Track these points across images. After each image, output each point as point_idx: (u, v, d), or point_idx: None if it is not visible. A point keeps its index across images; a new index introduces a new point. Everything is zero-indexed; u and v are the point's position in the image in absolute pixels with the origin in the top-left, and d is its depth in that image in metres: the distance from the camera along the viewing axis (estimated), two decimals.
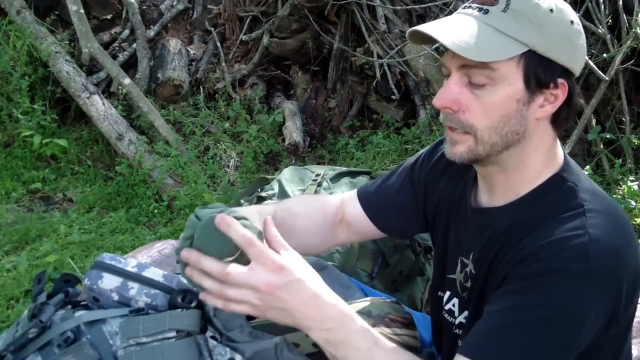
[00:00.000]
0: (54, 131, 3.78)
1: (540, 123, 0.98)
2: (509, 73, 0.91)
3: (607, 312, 0.91)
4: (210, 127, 3.98)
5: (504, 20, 0.91)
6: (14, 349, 1.02)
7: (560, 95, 0.95)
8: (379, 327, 1.31)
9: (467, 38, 0.90)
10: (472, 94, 0.93)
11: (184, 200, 3.24)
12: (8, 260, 2.68)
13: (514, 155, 0.98)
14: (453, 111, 0.95)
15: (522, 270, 0.92)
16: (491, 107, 0.93)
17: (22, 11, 4.01)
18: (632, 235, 0.97)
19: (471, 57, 0.89)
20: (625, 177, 3.17)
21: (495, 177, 1.03)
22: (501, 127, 0.94)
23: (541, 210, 0.97)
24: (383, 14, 4.04)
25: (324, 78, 4.32)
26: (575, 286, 0.88)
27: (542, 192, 1.00)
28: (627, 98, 3.48)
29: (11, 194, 3.37)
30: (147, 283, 1.07)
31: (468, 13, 0.94)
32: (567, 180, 0.99)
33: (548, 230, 0.93)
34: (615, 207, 0.99)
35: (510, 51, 0.90)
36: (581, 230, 0.90)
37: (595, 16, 3.57)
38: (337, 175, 2.39)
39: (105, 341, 1.00)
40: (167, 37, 4.56)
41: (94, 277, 1.08)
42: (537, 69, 0.92)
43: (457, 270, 1.14)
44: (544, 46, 0.91)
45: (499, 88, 0.92)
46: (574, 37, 0.95)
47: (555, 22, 0.92)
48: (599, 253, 0.89)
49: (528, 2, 0.91)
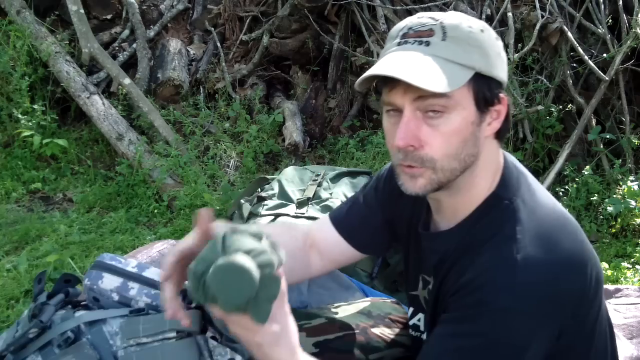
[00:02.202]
0: (54, 131, 3.78)
1: (487, 140, 0.99)
2: (462, 98, 0.92)
3: (552, 332, 0.91)
4: (210, 127, 3.97)
5: (448, 48, 0.91)
6: (14, 349, 1.02)
7: (502, 109, 0.98)
8: (379, 327, 1.31)
9: (423, 71, 0.89)
10: (429, 127, 0.93)
11: (184, 200, 3.24)
12: (8, 260, 2.68)
13: (467, 177, 0.98)
14: (414, 148, 0.94)
15: (460, 300, 0.95)
16: (450, 135, 0.93)
17: (22, 11, 4.01)
18: (574, 252, 0.95)
19: (435, 89, 0.88)
20: (625, 177, 3.17)
21: (443, 201, 1.04)
22: (459, 152, 0.94)
23: (477, 235, 0.98)
24: (383, 14, 4.04)
25: (324, 78, 4.31)
26: (507, 318, 0.89)
27: (480, 214, 1.00)
28: (627, 98, 3.48)
29: (11, 194, 3.37)
30: (148, 283, 1.07)
31: (408, 48, 0.93)
32: (502, 199, 0.99)
33: (482, 257, 0.94)
34: (556, 222, 0.98)
35: (463, 77, 0.91)
36: (511, 258, 0.91)
37: (595, 16, 3.57)
38: (337, 175, 2.39)
39: (106, 341, 1.00)
40: (167, 37, 4.56)
41: (94, 277, 1.08)
42: (484, 88, 0.94)
43: (419, 287, 1.15)
44: (486, 66, 0.93)
45: (454, 114, 0.92)
46: (502, 52, 0.98)
47: (488, 41, 0.95)
48: (528, 281, 0.89)
49: (461, 27, 0.93)
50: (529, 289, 0.89)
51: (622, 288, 2.09)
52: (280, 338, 0.88)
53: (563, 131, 3.50)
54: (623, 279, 2.54)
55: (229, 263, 0.77)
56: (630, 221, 2.97)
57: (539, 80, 3.47)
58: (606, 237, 2.95)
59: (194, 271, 0.80)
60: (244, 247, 0.80)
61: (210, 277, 0.78)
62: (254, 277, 0.78)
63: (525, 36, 3.52)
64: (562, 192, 3.24)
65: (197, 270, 0.80)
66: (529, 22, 3.51)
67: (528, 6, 3.60)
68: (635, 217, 2.98)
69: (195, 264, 0.81)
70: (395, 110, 0.95)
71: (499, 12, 3.63)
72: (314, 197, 2.30)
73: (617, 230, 2.97)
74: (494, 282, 0.91)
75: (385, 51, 0.97)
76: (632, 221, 2.97)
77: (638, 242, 2.88)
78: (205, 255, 0.81)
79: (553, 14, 3.50)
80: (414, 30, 0.94)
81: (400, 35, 0.96)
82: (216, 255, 0.80)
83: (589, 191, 3.12)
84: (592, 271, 0.96)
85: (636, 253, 2.76)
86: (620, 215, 2.97)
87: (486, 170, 1.00)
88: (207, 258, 0.81)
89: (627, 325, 1.85)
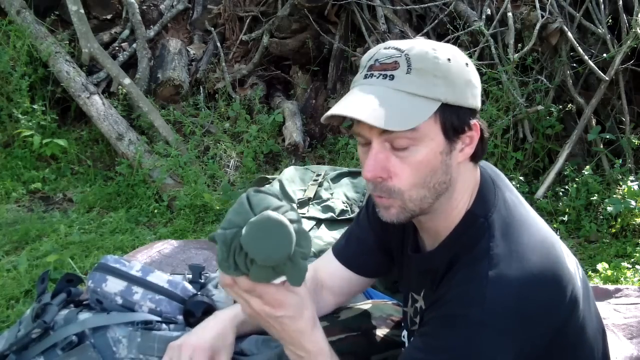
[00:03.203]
0: (54, 131, 3.78)
1: (461, 165, 0.99)
2: (428, 130, 0.92)
3: (521, 348, 0.91)
4: (210, 127, 3.97)
5: (412, 82, 0.91)
6: (17, 348, 1.02)
7: (475, 135, 0.98)
8: (380, 329, 1.32)
9: (385, 109, 0.89)
10: (397, 158, 0.93)
11: (184, 200, 3.24)
12: (8, 260, 2.68)
13: (444, 202, 0.99)
14: (382, 179, 0.95)
15: (431, 313, 0.97)
16: (418, 166, 0.93)
17: (22, 11, 4.01)
18: (546, 266, 0.95)
19: (396, 128, 0.89)
20: (625, 177, 3.17)
21: (424, 223, 1.05)
22: (428, 181, 0.95)
23: (455, 255, 0.99)
24: (383, 14, 4.04)
25: (324, 78, 4.31)
26: (475, 331, 0.90)
27: (458, 233, 1.01)
28: (627, 98, 3.48)
29: (11, 194, 3.37)
30: (152, 288, 1.07)
31: (373, 83, 0.93)
32: (478, 216, 1.00)
33: (457, 274, 0.96)
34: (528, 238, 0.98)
35: (428, 111, 0.91)
36: (483, 274, 0.92)
37: (595, 16, 3.58)
38: (338, 175, 2.39)
39: (109, 347, 1.00)
40: (167, 37, 4.56)
41: (98, 280, 1.08)
42: (452, 118, 0.94)
43: (409, 304, 1.16)
44: (453, 96, 0.93)
45: (422, 146, 0.93)
46: (473, 78, 0.97)
47: (455, 70, 0.94)
48: (497, 296, 0.90)
49: (427, 58, 0.92)
50: (498, 304, 0.90)
51: (622, 288, 2.09)
52: (302, 309, 0.91)
53: (563, 131, 3.51)
54: (623, 279, 2.54)
55: (264, 219, 0.75)
56: (630, 221, 2.97)
57: (539, 80, 3.47)
58: (606, 237, 2.95)
59: (224, 237, 0.77)
60: (272, 204, 0.78)
61: (246, 236, 0.75)
62: (291, 230, 0.76)
63: (525, 36, 3.52)
64: (562, 192, 3.24)
65: (226, 235, 0.77)
66: (529, 22, 3.51)
67: (528, 6, 3.60)
68: (635, 217, 2.98)
69: (223, 230, 0.77)
70: (365, 143, 0.96)
71: (499, 12, 3.63)
72: (315, 197, 2.30)
73: (617, 230, 2.97)
74: (465, 296, 0.92)
75: (354, 82, 0.98)
76: (632, 221, 2.97)
77: (638, 242, 2.88)
78: (233, 218, 0.78)
79: (553, 14, 3.51)
80: (380, 63, 0.94)
81: (367, 67, 0.96)
82: (246, 215, 0.77)
83: (589, 191, 3.12)
84: (568, 286, 0.96)
85: (636, 253, 2.77)
86: (620, 215, 2.97)
87: (464, 192, 1.01)
88: (235, 220, 0.77)
89: (627, 325, 1.85)
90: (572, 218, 3.08)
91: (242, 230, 0.76)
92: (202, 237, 2.99)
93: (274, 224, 0.76)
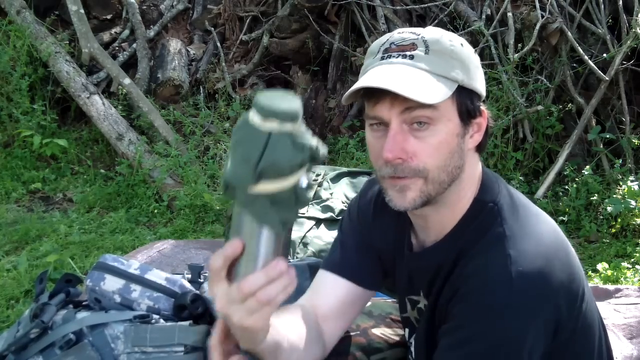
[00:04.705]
0: (54, 131, 3.78)
1: (469, 153, 0.99)
2: (447, 110, 0.93)
3: (549, 327, 0.91)
4: (210, 127, 3.98)
5: (432, 62, 0.92)
6: (16, 349, 1.02)
7: (483, 122, 0.99)
8: (380, 328, 1.31)
9: (410, 84, 0.89)
10: (416, 139, 0.93)
11: (184, 200, 3.24)
12: (8, 260, 2.68)
13: (453, 191, 0.99)
14: (403, 160, 0.93)
15: (456, 307, 0.95)
16: (437, 146, 0.93)
17: (22, 11, 4.01)
18: (558, 244, 0.97)
19: (423, 100, 0.88)
20: (625, 177, 3.17)
21: (430, 216, 1.03)
22: (448, 164, 0.95)
23: (467, 242, 0.98)
24: (383, 14, 4.03)
25: (324, 78, 4.31)
26: (507, 315, 0.89)
27: (467, 221, 1.00)
28: (627, 98, 3.48)
29: (11, 194, 3.37)
30: (150, 286, 1.07)
31: (393, 62, 0.94)
32: (486, 202, 1.00)
33: (475, 260, 0.95)
34: (536, 218, 1.00)
35: (448, 89, 0.92)
36: (504, 255, 0.92)
37: (595, 16, 3.57)
38: (338, 175, 2.39)
39: (107, 344, 1.00)
40: (167, 37, 4.56)
41: (96, 279, 1.08)
42: (467, 101, 0.95)
43: (408, 309, 1.15)
44: (467, 79, 0.95)
45: (440, 126, 0.93)
46: (480, 66, 1.00)
47: (467, 54, 0.97)
48: (524, 272, 0.90)
49: (443, 42, 0.94)
50: (525, 282, 0.89)
51: (622, 288, 2.10)
52: None
53: (563, 131, 3.50)
54: (623, 279, 2.54)
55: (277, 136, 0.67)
56: (630, 221, 2.97)
57: (539, 80, 3.47)
58: (606, 237, 2.95)
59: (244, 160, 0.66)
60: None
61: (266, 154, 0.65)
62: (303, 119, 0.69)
63: (525, 36, 3.52)
64: (562, 192, 3.24)
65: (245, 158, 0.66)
66: (529, 22, 3.51)
67: (528, 6, 3.60)
68: (635, 217, 2.98)
69: (243, 158, 0.67)
70: (380, 124, 0.95)
71: (499, 12, 3.63)
72: (315, 197, 2.30)
73: (617, 230, 2.97)
74: (490, 281, 0.91)
75: (367, 67, 0.98)
76: (632, 221, 2.97)
77: (638, 242, 2.88)
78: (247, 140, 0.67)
79: (553, 14, 3.50)
80: (397, 45, 0.95)
81: (382, 50, 0.96)
82: (257, 136, 0.67)
83: (589, 191, 3.12)
84: (574, 260, 0.98)
85: (636, 253, 2.76)
86: (620, 215, 2.97)
87: (470, 182, 1.01)
88: (251, 140, 0.67)
89: (627, 325, 1.85)
90: (572, 218, 3.08)
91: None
92: (202, 237, 2.99)
93: (285, 95, 0.70)
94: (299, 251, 2.07)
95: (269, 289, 0.69)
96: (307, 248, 2.09)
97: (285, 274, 0.70)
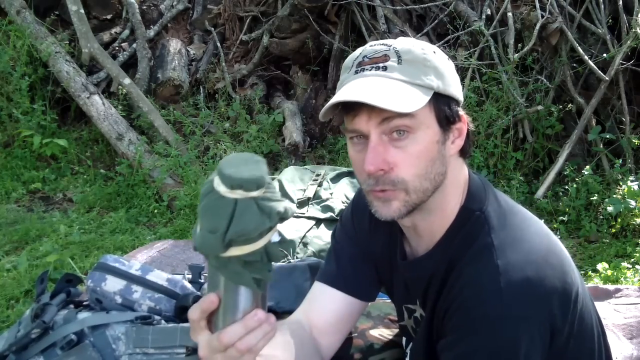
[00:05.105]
0: (54, 131, 3.78)
1: (452, 159, 1.00)
2: (424, 118, 0.93)
3: (544, 333, 0.91)
4: (210, 127, 3.98)
5: (405, 71, 0.93)
6: (17, 349, 1.02)
7: (463, 127, 0.99)
8: (378, 329, 1.31)
9: (385, 95, 0.90)
10: (396, 149, 0.93)
11: (184, 200, 3.24)
12: (8, 260, 2.68)
13: (438, 198, 0.99)
14: (384, 172, 0.94)
15: (452, 321, 0.95)
16: (418, 155, 0.93)
17: (22, 11, 4.01)
18: (549, 250, 0.96)
19: (399, 109, 0.89)
20: (625, 177, 3.17)
21: (419, 224, 1.03)
22: (429, 171, 0.95)
23: (456, 251, 0.98)
24: (383, 14, 4.04)
25: (324, 78, 4.31)
26: (500, 326, 0.89)
27: (455, 230, 1.00)
28: (627, 98, 3.48)
29: (11, 194, 3.37)
30: (151, 287, 1.07)
31: (367, 75, 0.94)
32: (473, 210, 1.00)
33: (465, 271, 0.95)
34: (525, 224, 0.99)
35: (424, 97, 0.92)
36: (492, 265, 0.92)
37: (595, 16, 3.57)
38: (338, 175, 2.40)
39: (108, 345, 1.00)
40: (167, 37, 4.56)
41: (98, 279, 1.08)
42: (444, 107, 0.95)
43: (405, 317, 1.15)
44: (443, 85, 0.95)
45: (420, 134, 0.93)
46: (454, 71, 1.00)
47: (441, 61, 0.97)
48: (513, 282, 0.90)
49: (415, 50, 0.95)
50: (515, 291, 0.89)
51: (622, 288, 2.10)
52: None
53: (563, 131, 3.51)
54: (623, 279, 2.54)
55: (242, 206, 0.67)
56: (630, 221, 2.97)
57: (539, 80, 3.47)
58: (606, 237, 2.95)
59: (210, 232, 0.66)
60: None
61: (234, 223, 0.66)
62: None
63: (525, 36, 3.52)
64: (562, 192, 3.24)
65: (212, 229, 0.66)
66: (529, 22, 3.51)
67: (528, 6, 3.60)
68: (635, 217, 2.98)
69: (208, 230, 0.68)
70: (360, 136, 0.96)
71: (499, 12, 3.63)
72: (315, 197, 2.30)
73: (617, 230, 2.97)
74: (480, 292, 0.91)
75: (342, 82, 0.98)
76: (632, 221, 2.97)
77: (638, 242, 2.88)
78: (212, 207, 0.68)
79: (553, 14, 3.50)
80: (369, 58, 0.95)
81: (356, 64, 0.97)
82: (224, 205, 0.68)
83: (589, 191, 3.12)
84: (566, 264, 0.98)
85: (636, 253, 2.76)
86: (620, 215, 2.97)
87: (455, 188, 1.01)
88: (219, 209, 0.67)
89: (627, 325, 1.85)
90: (572, 218, 3.08)
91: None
92: None
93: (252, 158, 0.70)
94: (299, 251, 2.07)
95: (248, 339, 0.72)
96: (307, 248, 2.09)
97: (265, 322, 0.73)
